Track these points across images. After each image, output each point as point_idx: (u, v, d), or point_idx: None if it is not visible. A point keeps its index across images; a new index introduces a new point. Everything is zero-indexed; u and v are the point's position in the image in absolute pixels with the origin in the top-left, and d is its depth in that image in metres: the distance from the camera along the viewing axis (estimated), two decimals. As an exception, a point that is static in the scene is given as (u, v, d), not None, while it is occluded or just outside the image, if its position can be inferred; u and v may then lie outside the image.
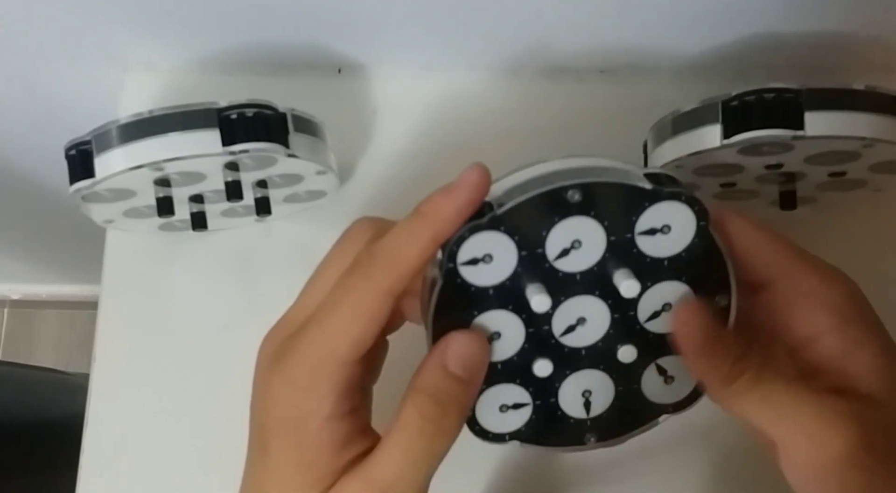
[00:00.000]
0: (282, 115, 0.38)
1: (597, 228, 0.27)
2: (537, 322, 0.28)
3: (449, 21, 0.44)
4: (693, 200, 0.27)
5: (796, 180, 0.41)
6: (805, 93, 0.36)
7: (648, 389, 0.30)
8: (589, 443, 0.30)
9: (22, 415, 0.69)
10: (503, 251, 0.27)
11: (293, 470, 0.28)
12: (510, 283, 0.27)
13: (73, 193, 0.38)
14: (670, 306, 0.28)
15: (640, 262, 0.28)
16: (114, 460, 0.43)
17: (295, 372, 0.27)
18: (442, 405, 0.27)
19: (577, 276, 0.28)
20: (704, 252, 0.28)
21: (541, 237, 0.27)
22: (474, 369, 0.27)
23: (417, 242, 0.26)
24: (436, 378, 0.27)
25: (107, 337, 0.45)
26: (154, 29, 0.45)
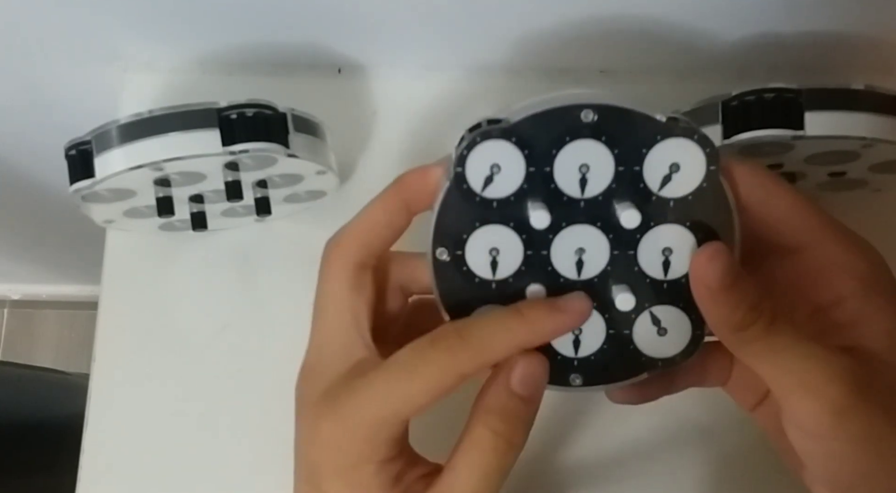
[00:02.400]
0: (282, 115, 0.38)
1: (607, 155, 0.27)
2: (536, 244, 0.28)
3: (449, 21, 0.45)
4: (705, 140, 0.27)
5: (796, 180, 0.41)
6: (805, 93, 0.36)
7: (640, 338, 0.29)
8: (574, 384, 0.30)
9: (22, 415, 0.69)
10: (511, 164, 0.27)
11: None
12: (514, 199, 0.28)
13: (73, 193, 0.38)
14: (671, 251, 0.28)
15: (646, 198, 0.28)
16: (114, 460, 0.43)
17: (354, 420, 0.28)
18: (511, 423, 0.28)
19: (581, 202, 0.28)
20: (712, 199, 0.28)
21: (550, 155, 0.27)
22: (536, 387, 0.28)
23: (510, 341, 0.27)
24: (503, 399, 0.28)
25: (107, 337, 0.45)
26: (154, 29, 0.45)
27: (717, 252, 0.27)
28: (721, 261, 0.27)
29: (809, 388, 0.27)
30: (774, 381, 0.28)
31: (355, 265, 0.30)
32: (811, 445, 0.28)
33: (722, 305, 0.27)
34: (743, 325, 0.27)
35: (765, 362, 0.28)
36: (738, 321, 0.27)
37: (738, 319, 0.27)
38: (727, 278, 0.27)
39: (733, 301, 0.27)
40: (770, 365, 0.28)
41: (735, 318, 0.27)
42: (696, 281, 0.28)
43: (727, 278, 0.27)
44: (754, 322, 0.27)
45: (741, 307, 0.27)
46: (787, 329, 0.27)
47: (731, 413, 0.42)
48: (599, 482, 0.42)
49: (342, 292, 0.30)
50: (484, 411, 0.28)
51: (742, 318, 0.27)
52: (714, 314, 0.28)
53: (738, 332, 0.27)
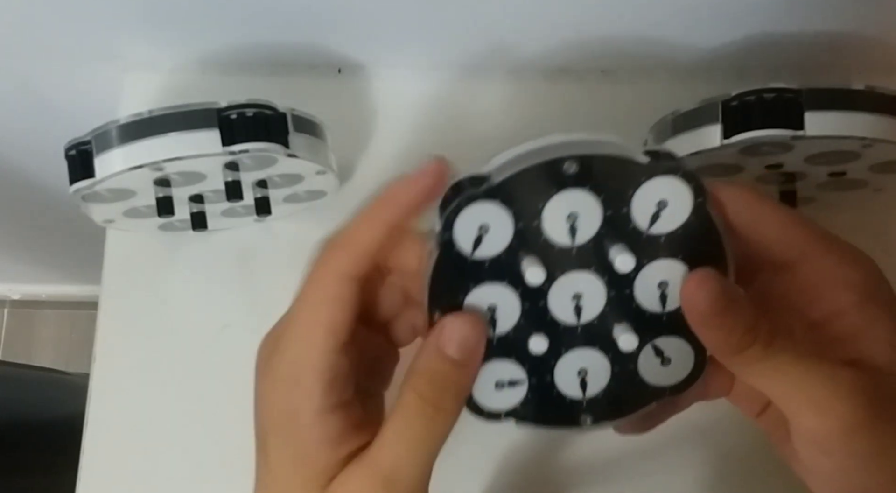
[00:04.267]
0: (282, 115, 0.38)
1: (593, 202, 0.27)
2: (533, 297, 0.28)
3: (449, 21, 0.45)
4: (690, 175, 0.27)
5: (796, 180, 0.41)
6: (805, 93, 0.36)
7: (645, 370, 0.29)
8: (585, 424, 0.30)
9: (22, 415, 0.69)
10: (499, 223, 0.27)
11: (291, 467, 0.28)
12: (506, 256, 0.27)
13: (74, 193, 0.38)
14: (667, 284, 0.28)
15: (636, 238, 0.28)
16: (114, 460, 0.43)
17: (280, 369, 0.28)
18: (439, 388, 0.27)
19: (573, 250, 0.28)
20: (701, 230, 0.28)
21: (537, 209, 0.27)
22: (470, 351, 0.27)
23: (371, 225, 0.27)
24: (432, 361, 0.27)
25: (107, 337, 0.45)
26: (154, 29, 0.45)
27: (705, 278, 0.27)
28: (710, 286, 0.27)
29: (817, 406, 0.27)
30: (780, 399, 0.28)
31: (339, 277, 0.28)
32: (822, 460, 0.28)
33: (716, 330, 0.27)
34: (741, 347, 0.27)
35: (768, 381, 0.27)
36: (735, 345, 0.27)
37: (735, 342, 0.27)
38: (718, 303, 0.27)
39: (728, 325, 0.27)
40: (774, 384, 0.27)
41: (732, 341, 0.27)
42: (688, 309, 0.27)
43: (718, 302, 0.27)
44: (752, 344, 0.27)
45: (737, 331, 0.27)
46: (787, 347, 0.27)
47: (730, 414, 0.42)
48: (599, 482, 0.42)
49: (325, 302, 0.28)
50: (412, 374, 0.27)
51: (739, 341, 0.27)
52: (710, 340, 0.27)
53: (737, 355, 0.27)
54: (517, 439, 0.43)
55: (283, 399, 0.28)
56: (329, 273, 0.28)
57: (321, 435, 0.27)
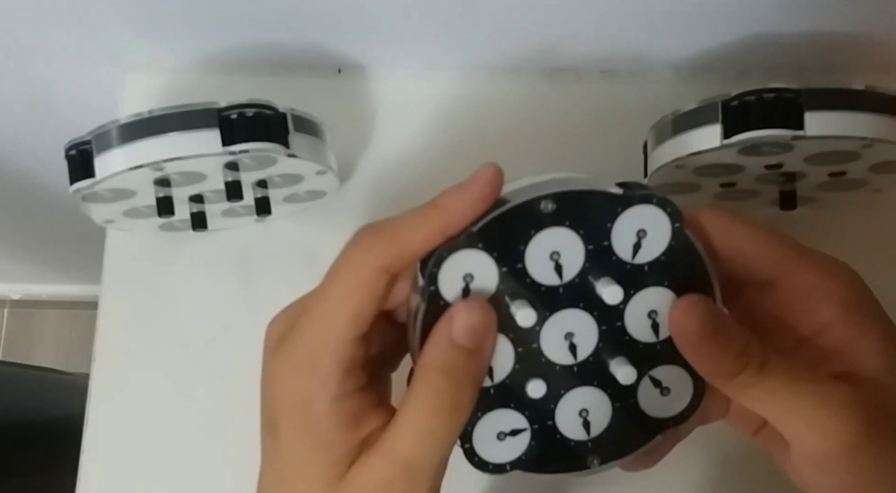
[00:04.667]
0: (282, 115, 0.38)
1: (574, 238, 0.27)
2: (525, 341, 0.28)
3: (449, 21, 0.44)
4: (665, 202, 0.27)
5: (796, 180, 0.41)
6: (805, 93, 0.36)
7: (645, 403, 0.29)
8: (592, 466, 0.30)
9: (22, 415, 0.69)
10: (483, 269, 0.27)
11: (308, 453, 0.28)
12: (493, 302, 0.27)
13: (74, 193, 0.38)
14: (657, 313, 0.28)
15: (620, 269, 0.28)
16: (114, 459, 0.43)
17: (297, 354, 0.27)
18: (453, 380, 0.26)
19: (559, 289, 0.28)
20: (683, 254, 0.28)
21: (519, 252, 0.27)
22: (481, 337, 0.27)
23: (425, 226, 0.27)
24: (444, 352, 0.26)
25: (107, 337, 0.45)
26: (154, 29, 0.45)
27: (692, 304, 0.27)
28: (697, 312, 0.27)
29: (815, 427, 0.26)
30: (777, 421, 0.27)
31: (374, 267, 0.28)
32: (823, 479, 0.28)
33: (707, 356, 0.27)
34: (733, 372, 0.27)
35: (764, 404, 0.27)
36: (727, 370, 0.27)
37: (728, 367, 0.26)
38: (707, 328, 0.27)
39: (718, 350, 0.27)
40: (769, 407, 0.27)
41: (724, 367, 0.27)
42: (677, 336, 0.27)
43: (707, 328, 0.27)
44: (744, 368, 0.26)
45: (728, 356, 0.26)
46: (779, 369, 0.27)
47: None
48: (599, 483, 0.42)
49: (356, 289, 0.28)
50: (425, 366, 0.26)
51: (731, 366, 0.26)
52: (702, 366, 0.27)
53: (730, 379, 0.27)
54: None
55: (299, 385, 0.27)
56: (366, 263, 0.27)
57: (336, 422, 0.27)
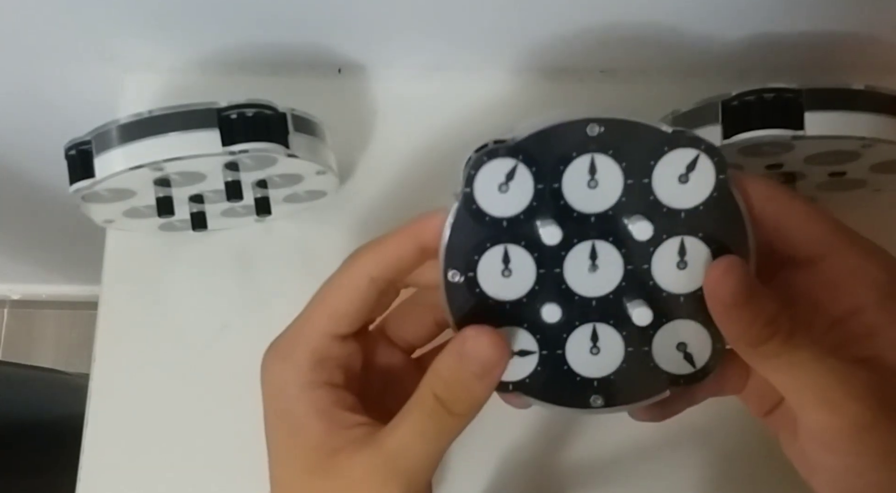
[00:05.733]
0: (282, 115, 0.38)
1: (615, 169, 0.27)
2: (549, 263, 0.28)
3: (449, 21, 0.44)
4: (713, 150, 0.27)
5: (796, 180, 0.41)
6: (805, 93, 0.36)
7: (659, 354, 0.29)
8: (595, 405, 0.29)
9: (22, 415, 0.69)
10: (520, 181, 0.27)
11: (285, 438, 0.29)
12: (524, 217, 0.27)
13: (73, 193, 0.38)
14: (685, 263, 0.28)
15: (656, 210, 0.27)
16: (114, 460, 0.43)
17: (277, 345, 0.30)
18: (454, 392, 0.27)
19: (591, 218, 0.27)
20: (723, 209, 0.28)
21: (558, 171, 0.27)
22: (490, 367, 0.27)
23: (400, 238, 0.29)
24: (452, 366, 0.27)
25: (107, 337, 0.45)
26: (154, 29, 0.45)
27: (731, 267, 0.27)
28: (735, 275, 0.27)
29: (829, 404, 0.26)
30: (793, 395, 0.27)
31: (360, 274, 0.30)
32: (829, 458, 0.28)
33: (737, 320, 0.27)
34: (760, 340, 0.27)
35: (784, 376, 0.27)
36: (754, 337, 0.27)
37: (755, 334, 0.26)
38: (742, 294, 0.26)
39: (749, 317, 0.26)
40: (789, 379, 0.27)
41: (752, 333, 0.27)
42: (710, 297, 0.27)
43: (742, 293, 0.26)
44: (771, 337, 0.26)
45: (757, 323, 0.26)
46: (805, 343, 0.27)
47: (730, 415, 0.42)
48: (599, 483, 0.42)
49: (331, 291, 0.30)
50: (432, 373, 0.28)
51: (759, 333, 0.26)
52: (730, 330, 0.27)
53: (756, 347, 0.27)
54: (518, 439, 0.43)
55: (276, 372, 0.30)
56: (348, 269, 0.30)
57: (308, 407, 0.29)
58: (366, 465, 0.28)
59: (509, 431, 0.42)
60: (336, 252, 0.33)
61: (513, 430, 0.43)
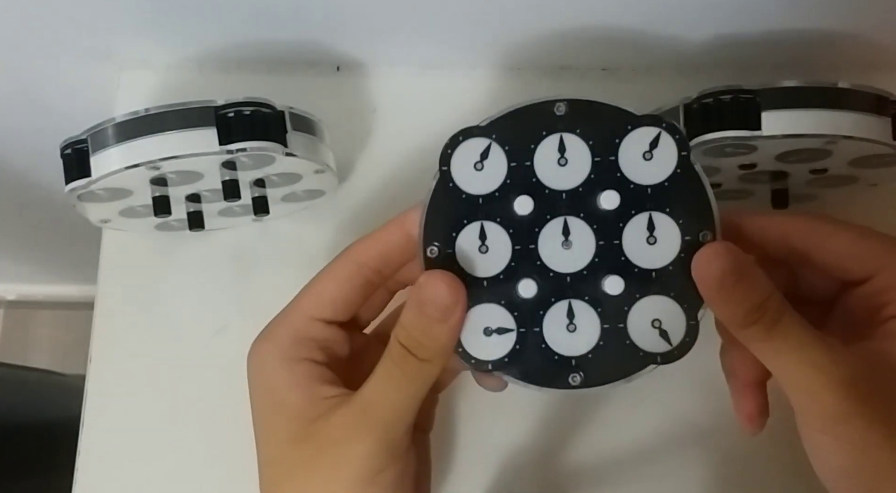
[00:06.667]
0: (280, 113, 0.38)
1: (582, 147, 0.29)
2: (523, 239, 0.29)
3: (449, 19, 0.44)
4: (673, 128, 0.29)
5: (783, 178, 0.41)
6: (762, 93, 0.36)
7: (635, 331, 0.30)
8: (574, 383, 0.30)
9: (18, 416, 0.69)
10: (494, 160, 0.29)
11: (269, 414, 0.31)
12: (499, 194, 0.29)
13: (69, 192, 0.38)
14: (654, 239, 0.29)
15: (623, 187, 0.29)
16: (110, 461, 0.43)
17: (266, 329, 0.32)
18: (418, 338, 0.29)
19: (562, 194, 0.29)
20: (687, 185, 0.29)
21: (529, 150, 0.29)
22: (447, 309, 0.28)
23: (388, 228, 0.31)
24: (413, 316, 0.29)
25: (103, 338, 0.44)
26: (150, 26, 0.45)
27: (717, 253, 0.28)
28: (721, 261, 0.28)
29: (806, 391, 0.28)
30: (778, 377, 0.29)
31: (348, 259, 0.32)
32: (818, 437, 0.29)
33: (723, 304, 0.28)
34: (745, 324, 0.28)
35: (768, 361, 0.29)
36: (740, 320, 0.28)
37: (741, 318, 0.28)
38: (728, 279, 0.28)
39: (734, 300, 0.28)
40: (773, 363, 0.28)
41: (737, 317, 0.28)
42: (698, 281, 0.29)
43: (728, 278, 0.28)
44: (756, 322, 0.28)
45: (743, 306, 0.28)
46: (792, 332, 0.28)
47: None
48: (599, 484, 0.42)
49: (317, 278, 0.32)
50: (398, 324, 0.29)
51: (744, 317, 0.28)
52: (718, 312, 0.29)
53: (742, 330, 0.28)
54: (518, 441, 0.42)
55: (259, 351, 0.32)
56: (337, 258, 0.32)
57: (288, 380, 0.30)
58: (341, 422, 0.29)
59: (510, 432, 0.42)
60: (334, 252, 0.33)
61: (513, 431, 0.43)
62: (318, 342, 0.31)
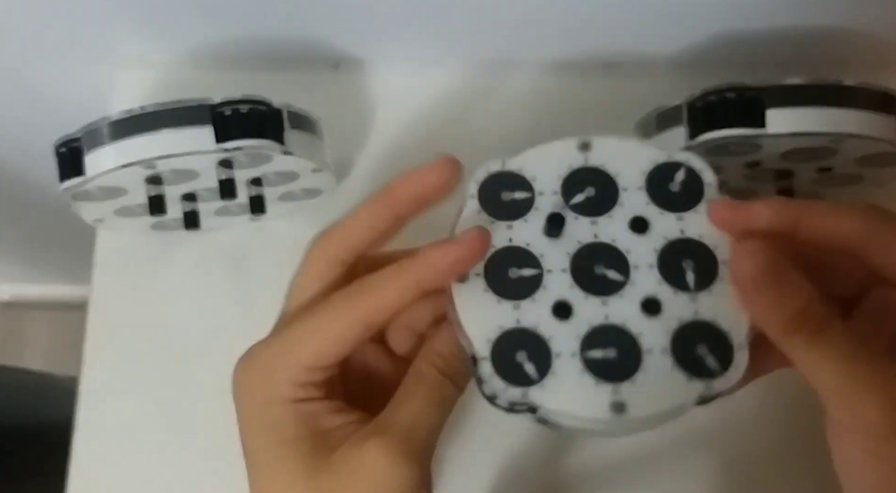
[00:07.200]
0: (277, 111, 0.38)
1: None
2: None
3: (448, 16, 0.44)
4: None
5: (788, 177, 0.41)
6: (767, 90, 0.36)
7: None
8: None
9: (11, 419, 0.69)
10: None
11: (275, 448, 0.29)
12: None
13: (63, 191, 0.38)
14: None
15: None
16: (103, 464, 0.42)
17: (257, 364, 0.30)
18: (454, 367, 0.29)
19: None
20: None
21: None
22: None
23: (400, 284, 0.28)
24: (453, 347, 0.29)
25: (97, 339, 0.44)
26: (146, 23, 0.45)
27: (750, 252, 0.27)
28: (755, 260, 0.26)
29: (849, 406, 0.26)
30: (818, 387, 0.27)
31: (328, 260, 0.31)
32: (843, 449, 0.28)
33: (761, 304, 0.27)
34: (787, 331, 0.26)
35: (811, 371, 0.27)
36: (782, 327, 0.26)
37: (783, 324, 0.26)
38: (764, 278, 0.26)
39: (774, 302, 0.26)
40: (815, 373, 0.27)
41: (778, 323, 0.26)
42: (733, 281, 0.28)
43: (764, 277, 0.26)
44: (798, 330, 0.26)
45: (783, 310, 0.26)
46: (838, 342, 0.26)
47: (734, 418, 0.42)
48: (601, 485, 0.42)
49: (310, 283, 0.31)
50: (432, 352, 0.29)
51: (786, 324, 0.26)
52: (756, 313, 0.27)
53: (784, 337, 0.27)
54: (521, 443, 0.42)
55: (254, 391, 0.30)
56: (346, 311, 0.29)
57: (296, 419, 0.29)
58: (372, 449, 0.28)
59: (511, 436, 0.42)
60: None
61: (514, 435, 0.42)
62: (317, 384, 0.30)
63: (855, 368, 0.26)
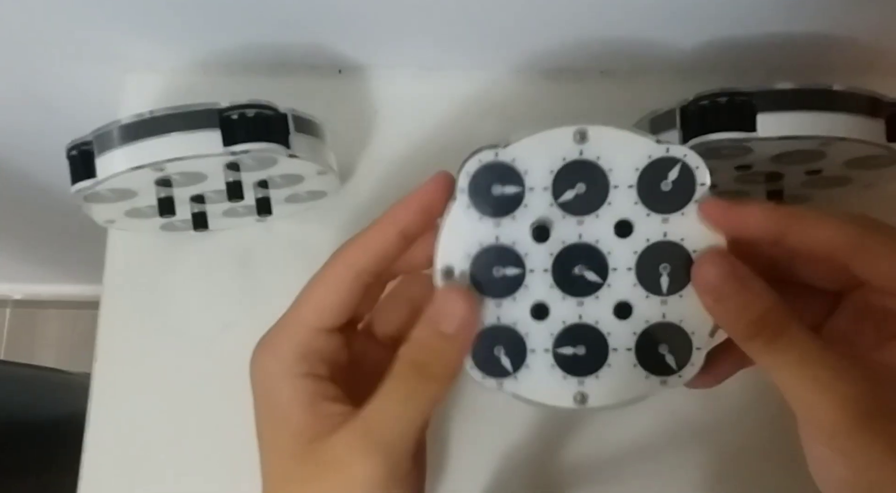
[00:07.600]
0: (283, 115, 0.38)
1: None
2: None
3: (449, 22, 0.44)
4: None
5: (778, 179, 0.41)
6: (757, 95, 0.36)
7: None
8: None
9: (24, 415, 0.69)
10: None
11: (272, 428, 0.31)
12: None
13: (75, 193, 0.38)
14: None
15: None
16: (115, 459, 0.43)
17: (267, 338, 0.31)
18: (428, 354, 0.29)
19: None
20: None
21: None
22: (462, 326, 0.29)
23: (379, 226, 0.30)
24: (425, 333, 0.29)
25: (108, 337, 0.45)
26: (155, 29, 0.45)
27: (714, 261, 0.28)
28: (718, 269, 0.28)
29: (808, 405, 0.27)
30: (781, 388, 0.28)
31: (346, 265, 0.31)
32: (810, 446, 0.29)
33: (724, 312, 0.28)
34: (746, 336, 0.27)
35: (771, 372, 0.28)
36: (742, 332, 0.27)
37: (742, 330, 0.27)
38: (726, 287, 0.27)
39: (736, 309, 0.27)
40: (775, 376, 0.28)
41: (739, 328, 0.27)
42: (697, 288, 0.29)
43: (726, 286, 0.27)
44: (757, 335, 0.27)
45: (743, 317, 0.27)
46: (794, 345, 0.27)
47: (729, 413, 0.42)
48: (599, 483, 0.42)
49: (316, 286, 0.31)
50: (406, 342, 0.29)
51: (745, 329, 0.27)
52: (719, 322, 0.28)
53: (744, 342, 0.28)
54: (516, 439, 0.43)
55: (262, 364, 0.31)
56: (334, 264, 0.31)
57: (291, 396, 0.30)
58: (345, 441, 0.28)
59: (509, 430, 0.43)
60: (336, 252, 0.33)
61: (513, 429, 0.43)
62: (320, 354, 0.31)
63: (811, 370, 0.27)
